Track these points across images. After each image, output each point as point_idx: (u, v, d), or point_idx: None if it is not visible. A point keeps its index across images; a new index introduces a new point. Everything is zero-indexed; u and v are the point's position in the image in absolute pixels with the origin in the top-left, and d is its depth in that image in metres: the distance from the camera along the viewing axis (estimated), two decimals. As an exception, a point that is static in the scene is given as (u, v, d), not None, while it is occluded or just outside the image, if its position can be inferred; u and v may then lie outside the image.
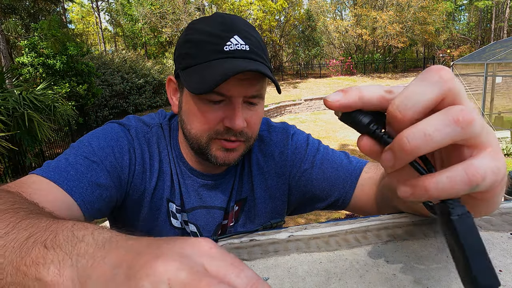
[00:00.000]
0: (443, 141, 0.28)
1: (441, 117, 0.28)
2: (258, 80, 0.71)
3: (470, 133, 0.28)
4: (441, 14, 27.55)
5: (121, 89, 15.15)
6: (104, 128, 0.80)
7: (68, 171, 0.67)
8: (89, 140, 0.75)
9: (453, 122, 0.28)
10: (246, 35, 0.70)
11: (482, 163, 0.28)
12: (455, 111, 0.28)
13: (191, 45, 0.71)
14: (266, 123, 0.92)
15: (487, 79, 10.90)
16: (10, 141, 6.32)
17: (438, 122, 0.28)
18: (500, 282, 0.26)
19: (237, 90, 0.69)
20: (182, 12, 21.27)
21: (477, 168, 0.28)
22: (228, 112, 0.70)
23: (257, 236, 0.51)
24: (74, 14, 39.09)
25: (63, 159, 0.70)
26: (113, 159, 0.75)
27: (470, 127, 0.28)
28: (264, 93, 0.76)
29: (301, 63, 26.45)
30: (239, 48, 0.68)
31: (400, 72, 26.63)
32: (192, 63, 0.70)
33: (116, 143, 0.76)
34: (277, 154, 0.87)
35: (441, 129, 0.28)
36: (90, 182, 0.69)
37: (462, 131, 0.28)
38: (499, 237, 0.48)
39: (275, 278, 0.41)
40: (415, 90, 0.29)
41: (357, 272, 0.41)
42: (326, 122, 15.41)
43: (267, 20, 22.56)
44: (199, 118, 0.72)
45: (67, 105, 8.31)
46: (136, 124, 0.82)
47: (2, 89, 6.50)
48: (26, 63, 10.94)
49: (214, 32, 0.70)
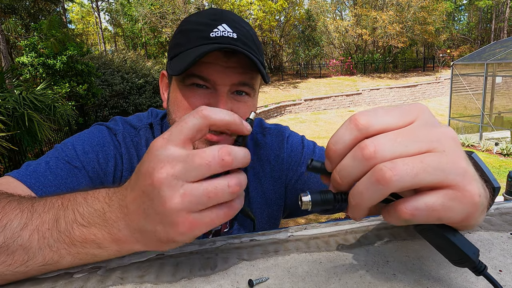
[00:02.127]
0: (374, 198, 0.31)
1: (365, 179, 0.32)
2: (244, 70, 0.68)
3: (395, 188, 0.30)
4: (441, 14, 27.54)
5: (121, 89, 15.15)
6: (91, 131, 0.77)
7: (47, 176, 0.65)
8: (73, 143, 0.73)
9: (375, 182, 0.31)
10: (236, 25, 0.68)
11: (413, 203, 0.31)
12: (374, 171, 0.31)
13: (180, 35, 0.71)
14: (259, 125, 0.90)
15: (487, 79, 10.89)
16: (10, 141, 6.32)
17: (365, 182, 0.32)
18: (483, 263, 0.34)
19: (221, 77, 0.67)
20: (182, 12, 21.26)
21: (406, 206, 0.31)
22: (212, 100, 0.68)
23: (257, 236, 0.51)
24: (74, 14, 39.08)
25: (44, 162, 0.67)
26: (97, 165, 0.72)
27: (392, 183, 0.30)
28: (255, 86, 0.73)
29: (301, 63, 26.44)
30: (226, 35, 0.66)
31: (400, 72, 26.63)
32: (179, 51, 0.69)
33: (101, 148, 0.74)
34: (273, 157, 0.85)
35: (368, 189, 0.31)
36: (69, 188, 0.66)
37: (385, 189, 0.30)
38: (499, 237, 0.48)
39: (275, 278, 0.41)
40: (347, 164, 0.33)
41: (357, 272, 0.41)
42: (326, 122, 15.40)
43: (267, 20, 22.54)
44: (182, 104, 0.69)
45: (67, 105, 8.31)
46: (124, 128, 0.79)
47: (2, 89, 6.49)
48: (26, 63, 10.94)
49: (203, 21, 0.69)
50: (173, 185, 0.34)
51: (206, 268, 0.43)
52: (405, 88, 20.93)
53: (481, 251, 0.45)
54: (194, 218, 0.35)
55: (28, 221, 0.42)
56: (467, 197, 0.31)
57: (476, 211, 0.32)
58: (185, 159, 0.34)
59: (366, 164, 0.31)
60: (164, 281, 0.41)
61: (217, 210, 0.36)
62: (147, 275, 0.42)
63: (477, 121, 11.24)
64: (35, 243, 0.41)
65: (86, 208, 0.41)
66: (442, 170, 0.30)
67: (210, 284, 0.40)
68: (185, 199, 0.34)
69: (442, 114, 16.48)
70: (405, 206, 0.31)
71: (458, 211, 0.31)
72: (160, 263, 0.45)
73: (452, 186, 0.31)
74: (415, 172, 0.30)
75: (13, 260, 0.40)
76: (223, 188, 0.35)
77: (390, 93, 20.48)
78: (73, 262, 0.42)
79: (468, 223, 0.33)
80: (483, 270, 0.34)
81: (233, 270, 0.43)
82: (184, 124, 0.36)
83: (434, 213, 0.31)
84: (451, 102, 12.00)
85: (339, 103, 19.20)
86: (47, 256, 0.41)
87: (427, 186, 0.31)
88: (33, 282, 0.42)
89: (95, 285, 0.41)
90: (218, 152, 0.34)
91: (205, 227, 0.36)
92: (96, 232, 0.40)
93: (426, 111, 0.34)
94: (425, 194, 0.31)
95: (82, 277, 0.42)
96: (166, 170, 0.34)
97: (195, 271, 0.43)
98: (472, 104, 11.53)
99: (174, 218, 0.34)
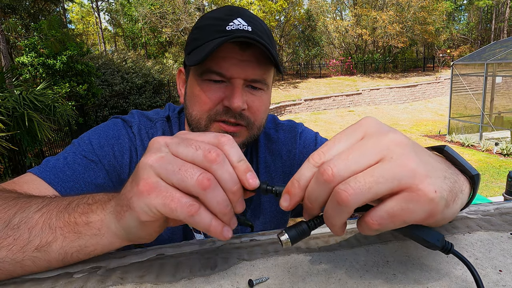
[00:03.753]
0: (343, 217, 0.34)
1: (330, 203, 0.34)
2: (259, 64, 0.70)
3: (355, 205, 0.32)
4: (441, 14, 27.55)
5: (121, 89, 15.15)
6: (107, 125, 0.79)
7: (65, 171, 0.67)
8: (89, 137, 0.75)
9: (338, 205, 0.33)
10: (250, 20, 0.71)
11: (377, 214, 0.33)
12: (334, 195, 0.33)
13: (197, 31, 0.73)
14: (273, 121, 0.92)
15: (487, 79, 10.89)
16: (10, 141, 6.32)
17: (330, 205, 0.34)
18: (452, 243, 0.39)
19: (237, 71, 0.69)
20: (182, 12, 21.26)
21: (372, 217, 0.33)
22: (227, 92, 0.70)
23: (257, 236, 0.51)
24: (74, 14, 39.08)
25: (62, 158, 0.70)
26: (112, 159, 0.74)
27: (350, 202, 0.32)
28: (269, 81, 0.75)
29: (301, 63, 26.44)
30: (241, 28, 0.68)
31: (400, 72, 26.63)
32: (196, 46, 0.71)
33: (117, 141, 0.76)
34: (285, 152, 0.86)
35: (334, 210, 0.34)
36: (87, 182, 0.68)
37: (347, 209, 0.32)
38: (499, 237, 0.48)
39: (275, 278, 0.41)
40: (313, 189, 0.35)
41: (357, 272, 0.41)
42: (326, 122, 15.40)
43: (267, 20, 22.56)
44: (200, 98, 0.72)
45: (67, 105, 8.31)
46: (139, 120, 0.81)
47: (2, 89, 6.49)
48: (26, 63, 10.94)
49: (219, 16, 0.71)
50: (160, 149, 0.37)
51: (206, 268, 0.43)
52: (405, 88, 20.93)
53: (481, 251, 0.45)
54: (157, 182, 0.35)
55: (44, 206, 0.46)
56: (421, 196, 0.32)
57: (436, 206, 0.33)
58: (186, 138, 0.38)
59: (328, 186, 0.33)
60: (164, 281, 0.41)
61: (181, 195, 0.35)
62: (147, 275, 0.42)
63: (477, 121, 11.25)
64: (40, 224, 0.43)
65: (101, 196, 0.45)
66: (393, 177, 0.32)
67: (210, 284, 0.40)
68: (160, 160, 0.36)
69: (442, 114, 16.49)
70: (370, 217, 0.33)
71: (419, 210, 0.32)
72: (160, 263, 0.45)
73: (405, 189, 0.32)
74: (367, 186, 0.32)
75: (15, 243, 0.42)
76: (193, 173, 0.35)
77: (390, 93, 20.48)
78: (61, 246, 0.42)
79: (435, 219, 0.34)
80: (450, 249, 0.38)
81: (233, 270, 0.43)
82: (208, 133, 0.40)
83: (397, 218, 0.33)
84: (451, 102, 12.00)
85: (339, 103, 19.20)
86: (43, 238, 0.42)
87: (384, 194, 0.32)
88: (33, 282, 0.42)
89: (95, 285, 0.41)
90: (209, 147, 0.36)
91: (162, 200, 0.35)
92: (93, 207, 0.43)
93: (372, 123, 0.36)
94: (385, 202, 0.33)
95: (82, 277, 0.42)
96: (166, 138, 0.39)
97: (195, 271, 0.43)
98: (472, 104, 11.53)
99: (142, 174, 0.36)
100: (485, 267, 0.41)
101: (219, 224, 0.37)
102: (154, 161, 0.36)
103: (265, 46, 0.65)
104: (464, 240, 0.48)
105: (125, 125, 0.80)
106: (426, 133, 13.10)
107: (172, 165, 0.35)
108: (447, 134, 11.87)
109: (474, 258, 0.43)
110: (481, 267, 0.41)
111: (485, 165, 8.93)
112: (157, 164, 0.36)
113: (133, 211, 0.37)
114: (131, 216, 0.38)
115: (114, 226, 0.41)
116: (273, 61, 0.69)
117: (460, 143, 10.85)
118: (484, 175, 8.23)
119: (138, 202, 0.36)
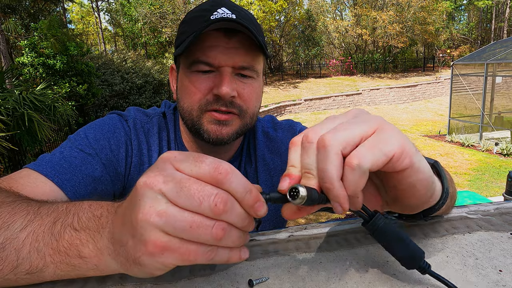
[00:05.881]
0: (336, 166, 0.35)
1: (320, 157, 0.36)
2: (246, 50, 0.71)
3: (340, 144, 0.35)
4: (441, 14, 27.55)
5: (121, 89, 15.14)
6: (102, 119, 0.80)
7: (62, 164, 0.67)
8: (85, 132, 0.75)
9: (323, 151, 0.36)
10: (234, 8, 0.72)
11: (356, 152, 0.35)
12: (318, 144, 0.37)
13: (184, 25, 0.75)
14: (271, 121, 0.92)
15: (487, 79, 10.89)
16: (10, 141, 6.32)
17: (321, 160, 0.36)
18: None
19: (224, 59, 0.70)
20: (182, 12, 21.25)
21: (351, 156, 0.35)
22: (216, 81, 0.71)
23: (257, 236, 0.51)
24: (74, 14, 39.08)
25: (58, 152, 0.70)
26: (109, 152, 0.74)
27: (335, 142, 0.35)
28: (258, 68, 0.75)
29: (301, 63, 26.44)
30: (225, 16, 0.68)
31: (400, 72, 26.62)
32: (183, 38, 0.72)
33: (112, 135, 0.76)
34: (283, 151, 0.87)
35: (330, 160, 0.35)
36: (85, 175, 0.68)
37: (331, 150, 0.35)
38: (499, 237, 0.48)
39: (275, 278, 0.41)
40: (305, 157, 0.38)
41: (357, 272, 0.41)
42: (326, 122, 15.36)
43: (267, 20, 22.55)
44: (189, 90, 0.73)
45: (67, 105, 8.31)
46: (135, 115, 0.82)
47: (2, 89, 6.49)
48: (26, 63, 10.93)
49: (203, 8, 0.72)
50: (156, 199, 0.32)
51: (206, 268, 0.43)
52: (405, 88, 20.92)
53: (481, 251, 0.45)
54: (170, 241, 0.32)
55: (29, 223, 0.42)
56: (389, 130, 0.36)
57: (405, 140, 0.36)
58: (181, 182, 0.32)
59: (313, 145, 0.37)
60: (164, 281, 0.41)
61: (198, 246, 0.33)
62: (147, 275, 0.42)
63: (477, 121, 11.24)
64: (27, 246, 0.40)
65: (87, 214, 0.40)
66: (365, 121, 0.37)
67: (210, 284, 0.40)
68: (162, 217, 0.31)
69: (442, 114, 16.48)
70: (350, 156, 0.35)
71: (392, 139, 0.35)
72: (160, 263, 0.45)
73: (376, 128, 0.36)
74: (347, 130, 0.36)
75: (4, 264, 0.40)
76: (206, 229, 0.32)
77: (390, 93, 20.48)
78: (55, 274, 0.40)
79: (410, 160, 0.36)
80: (427, 269, 0.39)
81: (233, 270, 0.43)
82: (202, 162, 0.34)
83: (375, 148, 0.35)
84: (451, 102, 12.00)
85: (339, 103, 19.20)
86: (33, 263, 0.39)
87: (360, 135, 0.36)
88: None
89: (95, 285, 0.41)
90: (214, 196, 0.32)
91: (179, 256, 0.32)
92: (82, 237, 0.39)
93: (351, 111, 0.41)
94: (360, 143, 0.36)
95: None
96: (157, 181, 0.32)
97: (195, 271, 0.43)
98: (472, 104, 11.53)
99: (146, 234, 0.32)
100: (485, 267, 0.41)
101: (236, 253, 0.36)
102: (156, 218, 0.31)
103: (250, 31, 0.66)
104: (464, 240, 0.48)
105: (120, 119, 0.80)
106: (426, 133, 13.09)
107: (180, 222, 0.31)
108: (447, 134, 11.87)
109: (474, 258, 0.43)
110: (481, 267, 0.41)
111: (485, 165, 8.93)
112: (161, 222, 0.31)
113: (143, 267, 0.34)
114: (140, 270, 0.35)
115: (116, 267, 0.37)
116: (260, 47, 0.70)
117: (460, 143, 10.85)
118: (484, 175, 8.23)
119: (150, 261, 0.33)
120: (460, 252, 0.45)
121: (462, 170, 8.59)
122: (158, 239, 0.32)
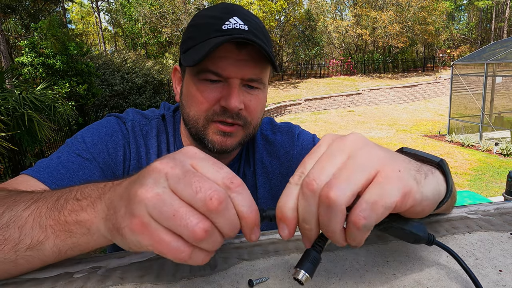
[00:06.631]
0: (338, 222, 0.34)
1: (321, 210, 0.34)
2: (256, 63, 0.71)
3: (343, 201, 0.33)
4: (441, 14, 27.55)
5: (121, 89, 15.14)
6: (100, 122, 0.79)
7: (59, 170, 0.67)
8: (83, 136, 0.75)
9: (327, 207, 0.34)
10: (246, 18, 0.71)
11: (359, 208, 0.33)
12: (321, 198, 0.34)
13: (193, 29, 0.73)
14: (270, 123, 0.92)
15: (487, 79, 10.89)
16: (10, 141, 6.32)
17: (322, 214, 0.34)
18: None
19: (233, 71, 0.69)
20: (182, 12, 21.26)
21: (356, 214, 0.33)
22: (224, 92, 0.70)
23: (257, 236, 0.51)
24: (74, 14, 39.09)
25: (56, 157, 0.70)
26: (107, 156, 0.74)
27: (338, 199, 0.32)
28: (265, 80, 0.75)
29: (301, 63, 26.43)
30: (237, 27, 0.68)
31: (400, 72, 26.62)
32: (193, 44, 0.71)
33: (110, 138, 0.76)
34: (282, 154, 0.86)
35: (329, 217, 0.34)
36: (82, 180, 0.68)
37: (336, 208, 0.33)
38: (499, 237, 0.48)
39: (275, 278, 0.41)
40: (303, 206, 0.35)
41: (357, 272, 0.41)
42: (326, 122, 15.39)
43: (267, 20, 22.56)
44: (196, 99, 0.72)
45: (67, 105, 8.31)
46: (133, 117, 0.81)
47: (2, 89, 6.49)
48: (26, 63, 10.93)
49: (214, 14, 0.71)
50: (159, 182, 0.33)
51: (206, 268, 0.43)
52: (405, 88, 20.92)
53: (481, 251, 0.45)
54: (149, 224, 0.32)
55: (33, 203, 0.44)
56: (389, 174, 0.34)
57: (406, 182, 0.34)
58: (188, 172, 0.33)
59: (315, 195, 0.34)
60: (164, 281, 0.41)
61: (172, 238, 0.32)
62: (147, 275, 0.42)
63: (477, 121, 11.25)
64: (30, 222, 0.42)
65: (91, 186, 0.43)
66: (364, 164, 0.34)
67: (210, 284, 0.40)
68: (154, 199, 0.32)
69: (442, 114, 16.49)
70: (354, 215, 0.33)
71: (393, 190, 0.33)
72: (160, 263, 0.45)
73: (376, 173, 0.34)
74: (346, 178, 0.33)
75: (6, 243, 0.41)
76: (187, 222, 0.32)
77: (390, 93, 20.48)
78: (54, 245, 0.41)
79: (413, 199, 0.34)
80: (433, 241, 0.40)
81: (233, 270, 0.43)
82: (220, 169, 0.35)
83: (378, 204, 0.33)
84: (451, 102, 12.00)
85: (339, 103, 19.20)
86: (35, 236, 0.41)
87: (362, 184, 0.34)
88: (33, 282, 0.42)
89: (95, 285, 0.41)
90: (212, 191, 0.32)
91: (151, 242, 0.33)
92: (83, 204, 0.41)
93: (329, 137, 0.39)
94: (362, 195, 0.34)
95: (82, 277, 0.42)
96: (167, 166, 0.33)
97: (195, 271, 0.43)
98: (472, 104, 11.53)
99: (136, 210, 0.33)
100: (485, 267, 0.41)
101: (207, 257, 0.35)
102: (149, 198, 0.32)
103: (261, 46, 0.66)
104: (464, 240, 0.48)
105: (118, 122, 0.80)
106: (426, 133, 13.10)
107: (167, 207, 0.32)
108: (447, 134, 11.87)
109: (474, 258, 0.43)
110: (481, 267, 0.41)
111: (485, 165, 8.93)
112: (151, 203, 0.32)
113: (124, 239, 0.35)
114: (122, 241, 0.36)
115: (104, 231, 0.39)
116: (270, 60, 0.70)
117: (460, 143, 10.85)
118: (484, 175, 8.23)
119: (129, 235, 0.34)
120: (460, 252, 0.45)
121: (462, 170, 8.59)
122: (142, 216, 0.33)
